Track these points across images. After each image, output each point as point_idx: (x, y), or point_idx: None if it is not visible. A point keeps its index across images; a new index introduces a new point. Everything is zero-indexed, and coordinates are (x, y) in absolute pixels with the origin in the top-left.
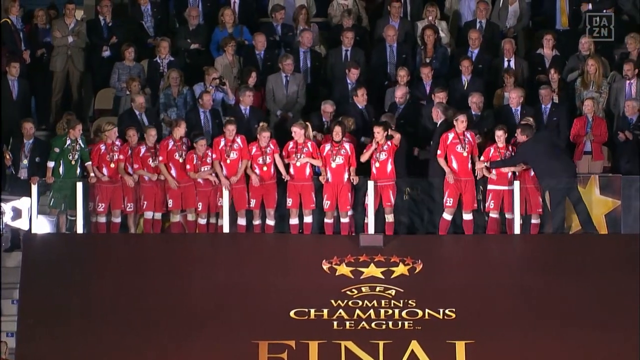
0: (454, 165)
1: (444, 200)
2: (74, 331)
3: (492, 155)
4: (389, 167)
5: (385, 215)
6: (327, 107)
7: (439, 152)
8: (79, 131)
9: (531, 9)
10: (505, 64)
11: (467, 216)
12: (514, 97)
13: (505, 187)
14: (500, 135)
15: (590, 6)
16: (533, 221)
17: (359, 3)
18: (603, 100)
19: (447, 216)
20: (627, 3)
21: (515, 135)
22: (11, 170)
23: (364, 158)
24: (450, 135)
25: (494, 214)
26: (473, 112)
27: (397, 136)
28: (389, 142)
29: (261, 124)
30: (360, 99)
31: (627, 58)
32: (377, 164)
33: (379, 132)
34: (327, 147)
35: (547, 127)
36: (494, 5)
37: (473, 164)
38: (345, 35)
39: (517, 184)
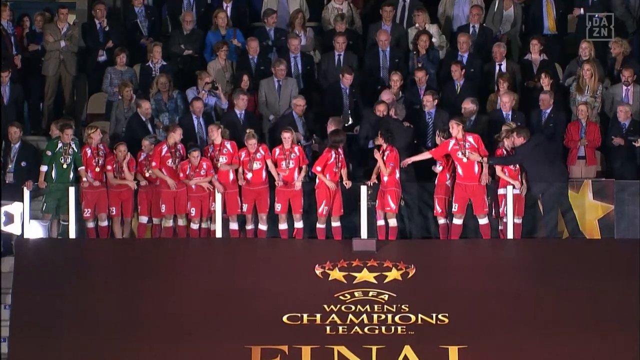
0: (459, 171)
1: (452, 206)
2: (67, 336)
3: None
4: (395, 173)
5: (387, 220)
6: (299, 101)
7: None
8: (67, 135)
9: (524, 14)
10: (497, 68)
11: (482, 220)
12: (506, 101)
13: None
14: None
15: (582, 11)
16: (516, 221)
17: (353, 8)
18: (598, 105)
19: (457, 221)
20: (620, 7)
21: (512, 138)
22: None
23: (385, 172)
24: (451, 142)
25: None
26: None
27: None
28: (387, 151)
29: (247, 131)
30: (383, 110)
31: (627, 63)
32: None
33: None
34: (333, 155)
35: (543, 132)
36: (488, 10)
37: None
38: (336, 40)
39: (509, 188)
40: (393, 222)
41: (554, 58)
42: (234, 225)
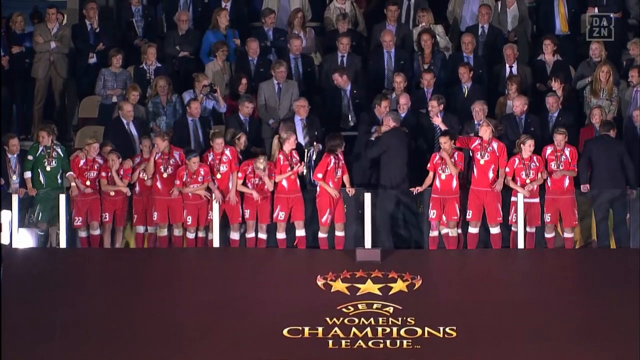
0: (474, 173)
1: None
2: (57, 350)
3: (516, 167)
4: (455, 181)
5: (449, 230)
6: (302, 102)
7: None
8: (43, 138)
9: (535, 13)
10: (507, 70)
11: (494, 230)
12: (517, 105)
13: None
14: (530, 144)
15: (596, 10)
16: (566, 235)
17: (356, 7)
18: (614, 109)
19: (472, 230)
20: (636, 7)
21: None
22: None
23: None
24: (477, 141)
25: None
26: (476, 122)
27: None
28: (456, 155)
29: (261, 158)
30: (383, 110)
31: (632, 64)
32: (444, 177)
33: (445, 142)
34: (332, 160)
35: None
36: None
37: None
38: (340, 40)
39: (520, 196)
40: (455, 231)
41: (566, 59)
42: (234, 235)
